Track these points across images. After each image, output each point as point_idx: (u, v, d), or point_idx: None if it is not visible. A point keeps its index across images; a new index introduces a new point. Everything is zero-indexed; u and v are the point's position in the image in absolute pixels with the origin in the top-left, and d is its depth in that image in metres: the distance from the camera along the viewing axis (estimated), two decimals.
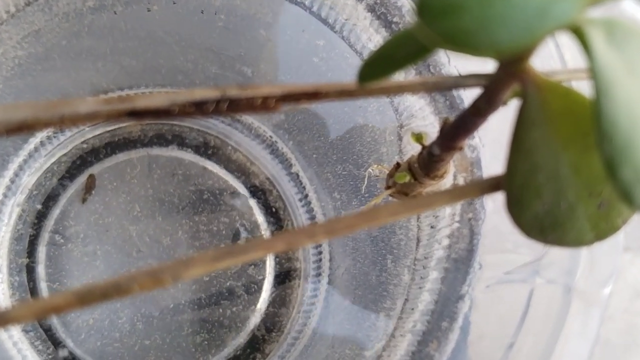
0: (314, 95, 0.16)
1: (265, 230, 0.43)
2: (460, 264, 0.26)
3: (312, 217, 0.42)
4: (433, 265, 0.27)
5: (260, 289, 0.42)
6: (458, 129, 0.19)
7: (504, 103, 0.17)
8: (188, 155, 0.42)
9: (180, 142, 0.43)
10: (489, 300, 0.25)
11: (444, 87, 0.17)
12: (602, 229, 0.16)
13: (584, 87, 0.15)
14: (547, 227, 0.16)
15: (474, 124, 0.18)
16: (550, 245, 0.16)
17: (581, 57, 0.13)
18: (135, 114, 0.15)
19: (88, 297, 0.13)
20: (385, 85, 0.17)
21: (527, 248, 0.24)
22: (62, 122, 0.14)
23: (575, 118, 0.14)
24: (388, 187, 0.25)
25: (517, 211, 0.16)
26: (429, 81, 0.17)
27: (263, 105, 0.15)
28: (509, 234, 0.26)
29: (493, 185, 0.16)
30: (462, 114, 0.18)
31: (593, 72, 0.12)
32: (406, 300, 0.29)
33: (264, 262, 0.42)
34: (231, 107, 0.15)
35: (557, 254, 0.23)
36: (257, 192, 0.43)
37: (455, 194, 0.16)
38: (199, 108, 0.15)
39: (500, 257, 0.24)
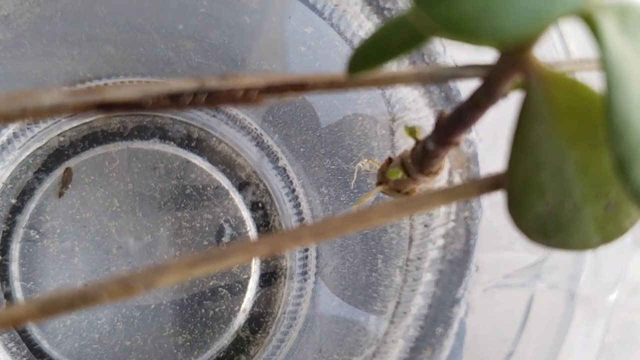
0: (301, 86, 0.15)
1: (250, 226, 0.42)
2: (456, 265, 0.25)
3: (299, 213, 0.42)
4: (427, 267, 0.27)
5: (244, 288, 0.41)
6: (455, 122, 0.18)
7: (505, 95, 0.16)
8: (170, 148, 0.42)
9: (162, 134, 0.42)
10: (486, 305, 0.24)
11: (440, 78, 0.16)
12: (609, 232, 0.15)
13: (592, 80, 0.14)
14: (550, 230, 0.15)
15: (471, 117, 0.17)
16: (553, 248, 0.15)
17: (588, 47, 0.13)
18: (105, 106, 0.14)
19: (52, 308, 0.13)
20: (378, 77, 0.16)
21: (522, 244, 0.23)
22: (24, 115, 0.13)
23: (583, 113, 0.14)
24: (379, 183, 0.25)
25: (519, 212, 0.15)
26: (424, 72, 0.16)
27: (245, 97, 0.14)
28: (504, 230, 0.26)
29: (492, 184, 0.15)
30: (460, 107, 0.17)
31: (604, 63, 0.12)
32: (398, 303, 0.28)
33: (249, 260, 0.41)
34: (210, 99, 0.14)
35: (560, 257, 0.22)
36: (242, 186, 0.42)
37: (452, 193, 0.15)
38: (175, 100, 0.14)
39: (498, 258, 0.24)
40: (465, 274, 0.25)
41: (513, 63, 0.14)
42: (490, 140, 0.24)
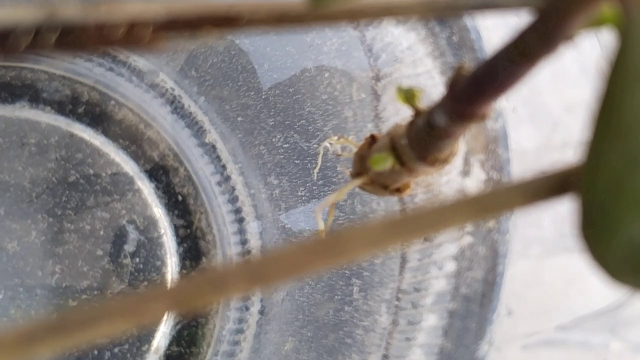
0: (228, 21, 0.13)
1: (166, 228, 0.41)
2: (475, 305, 0.24)
3: (237, 210, 0.41)
4: (429, 304, 0.26)
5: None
6: (482, 83, 0.17)
7: (570, 38, 0.15)
8: (46, 116, 0.41)
9: (34, 95, 0.41)
10: None
11: (463, 9, 0.15)
12: None
13: None
14: None
15: (512, 74, 0.16)
16: None
17: None
18: None
19: None
20: (359, 6, 0.14)
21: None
22: None
23: None
24: (357, 174, 0.24)
25: (599, 235, 0.14)
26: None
27: (129, 37, 0.12)
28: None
29: (556, 186, 0.14)
30: (492, 59, 0.16)
31: None
32: (385, 357, 0.27)
33: (163, 275, 0.41)
34: (66, 40, 0.12)
35: None
36: (153, 172, 0.42)
37: (485, 203, 0.13)
38: (2, 42, 0.12)
39: (546, 297, 0.21)
40: (490, 319, 0.24)
41: None
42: (528, 109, 0.22)
